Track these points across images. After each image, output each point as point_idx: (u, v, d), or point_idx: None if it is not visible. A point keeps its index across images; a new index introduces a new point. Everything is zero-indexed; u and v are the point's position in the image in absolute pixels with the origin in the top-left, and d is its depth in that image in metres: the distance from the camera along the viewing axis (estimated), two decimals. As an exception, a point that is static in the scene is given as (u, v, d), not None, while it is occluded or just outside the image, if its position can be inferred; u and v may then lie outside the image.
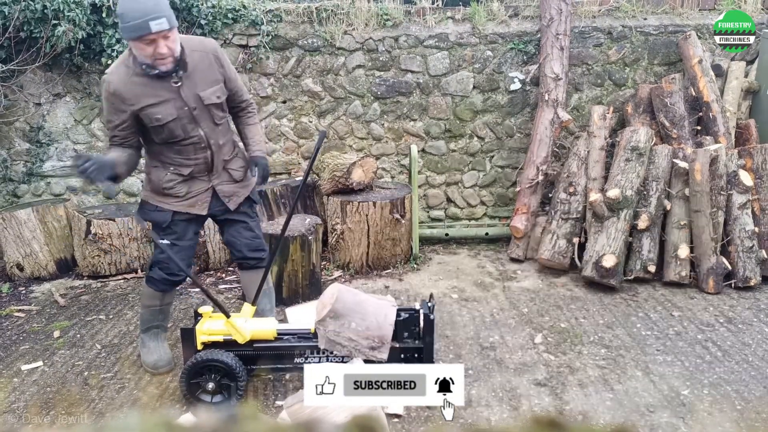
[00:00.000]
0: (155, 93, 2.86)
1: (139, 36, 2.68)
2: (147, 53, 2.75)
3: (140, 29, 2.65)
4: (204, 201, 3.15)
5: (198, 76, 2.95)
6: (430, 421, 2.93)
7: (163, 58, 2.77)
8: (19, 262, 4.85)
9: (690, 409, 3.00)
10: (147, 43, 2.71)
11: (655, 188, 4.60)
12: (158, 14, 2.65)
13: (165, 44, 2.74)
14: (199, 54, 2.96)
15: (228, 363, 2.95)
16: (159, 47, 2.73)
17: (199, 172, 3.10)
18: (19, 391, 3.28)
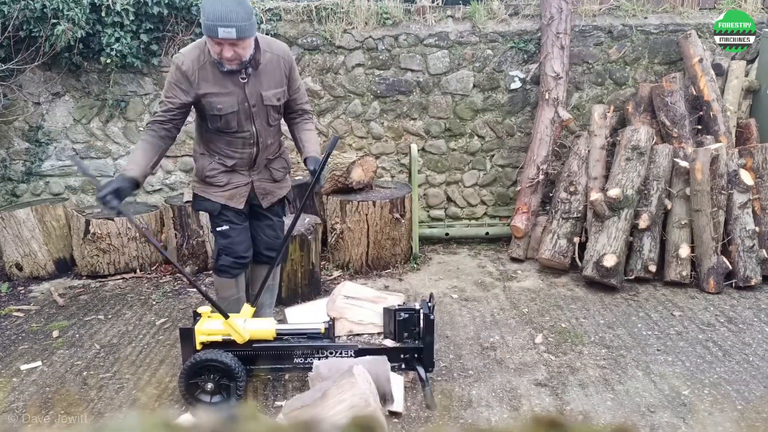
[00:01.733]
0: (222, 83, 2.94)
1: (208, 35, 2.79)
2: (215, 51, 2.85)
3: (209, 30, 2.75)
4: (242, 195, 3.21)
5: (265, 77, 3.03)
6: (430, 421, 2.92)
7: (231, 61, 2.86)
8: (18, 261, 4.84)
9: (691, 409, 3.00)
10: (215, 43, 2.81)
11: (655, 187, 4.59)
12: (229, 23, 2.71)
13: (232, 49, 2.81)
14: (271, 56, 3.03)
15: (227, 363, 2.94)
16: (224, 51, 2.82)
17: (241, 165, 3.17)
18: (18, 390, 3.27)
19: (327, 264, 4.94)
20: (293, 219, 3.19)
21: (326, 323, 3.15)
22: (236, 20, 2.71)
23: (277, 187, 3.33)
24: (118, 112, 5.39)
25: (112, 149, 5.49)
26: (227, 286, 3.35)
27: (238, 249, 3.25)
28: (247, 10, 2.76)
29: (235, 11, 2.70)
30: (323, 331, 3.13)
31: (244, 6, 2.74)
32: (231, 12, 2.70)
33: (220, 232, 3.23)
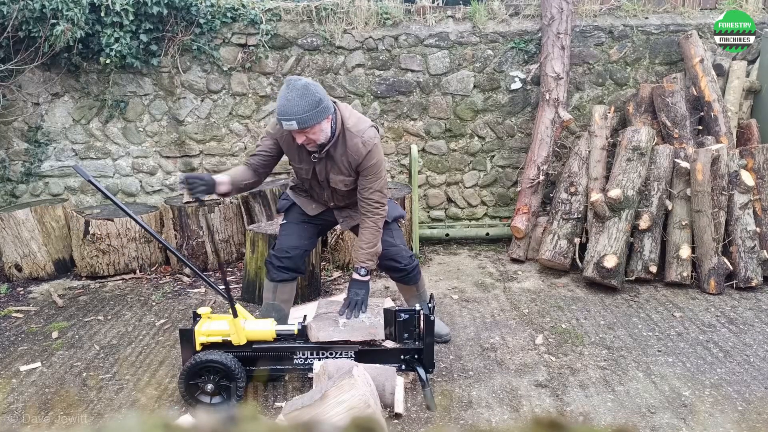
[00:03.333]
0: (300, 156, 3.15)
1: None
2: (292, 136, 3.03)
3: (279, 122, 2.91)
4: (318, 208, 3.38)
5: (335, 164, 3.12)
6: (430, 422, 2.91)
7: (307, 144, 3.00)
8: (17, 262, 4.83)
9: (691, 410, 2.99)
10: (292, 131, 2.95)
11: (656, 188, 4.59)
12: (289, 116, 2.84)
13: (302, 135, 2.94)
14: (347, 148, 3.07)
15: (227, 364, 2.93)
16: (296, 137, 2.97)
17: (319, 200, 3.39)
18: (17, 391, 3.26)
19: (327, 265, 4.94)
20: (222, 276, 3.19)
21: (300, 324, 3.13)
22: (297, 113, 2.82)
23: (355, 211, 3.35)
24: (117, 113, 5.39)
25: (112, 150, 5.48)
26: (267, 288, 3.42)
27: (283, 241, 3.36)
28: (311, 101, 2.84)
29: (297, 105, 2.82)
30: (296, 332, 3.11)
31: (308, 98, 2.83)
32: (293, 106, 2.82)
33: (282, 226, 3.44)
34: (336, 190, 3.22)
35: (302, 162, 3.15)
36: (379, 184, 3.15)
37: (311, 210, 3.38)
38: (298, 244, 3.36)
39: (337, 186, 3.18)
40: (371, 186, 3.13)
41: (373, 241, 3.18)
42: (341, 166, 3.10)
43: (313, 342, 3.04)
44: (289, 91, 2.84)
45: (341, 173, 3.13)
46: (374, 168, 3.11)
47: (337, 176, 3.14)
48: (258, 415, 0.70)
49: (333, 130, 3.01)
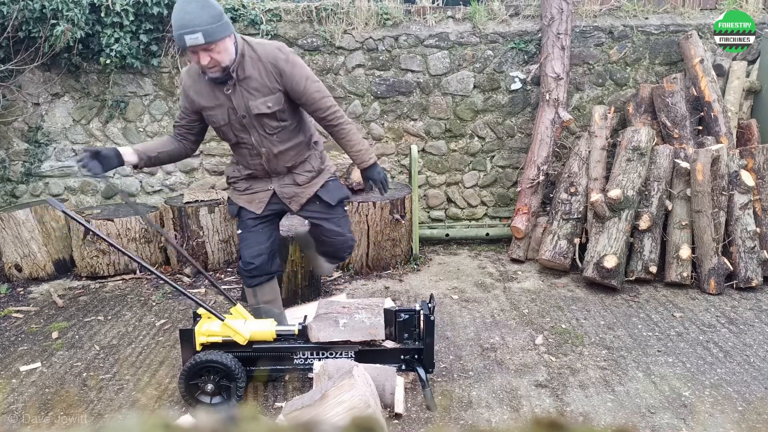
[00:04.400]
0: (213, 96, 2.95)
1: (180, 47, 2.74)
2: (194, 61, 2.84)
3: (179, 41, 2.69)
4: (261, 200, 3.21)
5: (251, 85, 2.90)
6: (430, 422, 2.92)
7: (209, 68, 2.80)
8: (17, 262, 4.83)
9: (691, 410, 2.99)
10: (190, 52, 2.76)
11: (656, 188, 4.59)
12: (192, 29, 2.62)
13: (207, 55, 2.74)
14: (256, 62, 2.89)
15: (227, 364, 2.94)
16: (200, 58, 2.75)
17: (258, 175, 3.21)
18: (17, 392, 3.26)
19: (327, 265, 4.93)
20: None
21: (300, 324, 3.13)
22: (201, 24, 2.62)
23: (302, 189, 3.22)
24: (117, 113, 5.39)
25: (112, 150, 5.47)
26: (247, 293, 3.40)
27: (244, 253, 3.25)
28: (213, 13, 2.66)
29: (199, 16, 2.62)
30: (297, 333, 3.12)
31: (209, 9, 2.65)
32: (195, 18, 2.61)
33: (239, 236, 3.33)
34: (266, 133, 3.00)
35: (218, 105, 2.93)
36: (319, 86, 2.99)
37: (257, 207, 3.20)
38: (260, 250, 3.24)
39: (261, 111, 2.92)
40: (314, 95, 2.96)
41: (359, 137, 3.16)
42: (259, 84, 2.89)
43: (314, 342, 3.04)
44: (187, 3, 2.62)
45: (261, 93, 2.90)
46: (302, 70, 2.93)
47: (257, 100, 2.90)
48: (258, 415, 0.70)
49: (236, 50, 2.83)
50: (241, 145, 3.08)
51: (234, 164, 3.28)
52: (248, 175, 3.22)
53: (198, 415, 0.69)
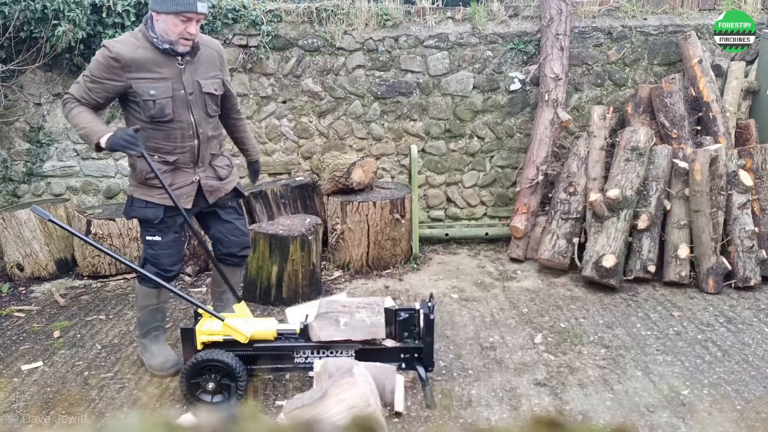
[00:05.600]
0: (157, 69, 2.94)
1: (181, 11, 2.81)
2: (177, 30, 2.86)
3: (187, 5, 2.79)
4: (189, 194, 3.14)
5: (201, 66, 3.06)
6: (430, 421, 2.93)
7: (188, 39, 2.90)
8: (19, 262, 4.85)
9: (690, 409, 3.00)
10: (183, 20, 2.84)
11: (655, 188, 4.60)
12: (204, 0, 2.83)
13: (195, 27, 2.89)
14: (207, 48, 3.11)
15: (228, 363, 2.95)
16: (190, 27, 2.86)
17: (184, 162, 3.11)
18: (19, 391, 3.28)
19: (328, 264, 4.95)
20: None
21: (302, 324, 3.15)
22: None
23: (223, 183, 3.29)
24: (119, 113, 5.40)
25: (113, 150, 5.49)
26: (148, 296, 3.30)
27: (164, 261, 3.17)
28: None
29: None
30: (298, 332, 3.13)
31: None
32: None
33: (149, 242, 3.16)
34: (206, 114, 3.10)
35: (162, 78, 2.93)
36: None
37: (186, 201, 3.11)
38: (179, 258, 3.28)
39: (209, 90, 3.07)
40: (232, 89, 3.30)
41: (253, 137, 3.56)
42: (207, 67, 3.07)
43: (315, 341, 3.06)
44: None
45: (209, 75, 3.08)
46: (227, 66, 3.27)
47: (208, 80, 3.07)
48: (259, 414, 0.72)
49: None
50: (175, 124, 3.02)
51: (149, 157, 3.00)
52: (173, 164, 3.07)
53: (199, 414, 0.71)
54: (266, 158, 5.55)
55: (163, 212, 3.11)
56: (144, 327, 3.38)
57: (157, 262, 3.17)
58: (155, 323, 3.38)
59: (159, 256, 3.17)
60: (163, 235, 3.16)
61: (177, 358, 3.40)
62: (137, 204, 3.13)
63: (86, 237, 3.26)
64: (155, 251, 3.16)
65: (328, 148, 5.51)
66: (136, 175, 3.11)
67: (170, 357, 3.38)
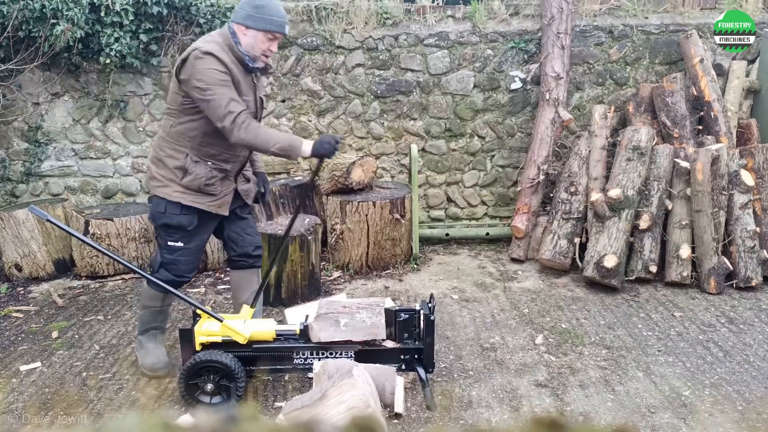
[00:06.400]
0: (242, 81, 3.00)
1: (270, 30, 2.91)
2: (262, 47, 2.96)
3: (278, 26, 2.92)
4: (228, 202, 3.18)
5: (261, 84, 3.19)
6: (430, 422, 2.92)
7: (268, 57, 3.02)
8: (17, 262, 4.83)
9: (691, 409, 2.99)
10: (270, 38, 2.95)
11: (656, 188, 4.59)
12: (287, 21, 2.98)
13: (276, 46, 3.03)
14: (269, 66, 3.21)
15: (227, 364, 2.94)
16: (273, 46, 3.00)
17: (233, 171, 3.17)
18: (17, 391, 3.26)
19: (327, 264, 4.94)
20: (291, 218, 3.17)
21: (302, 324, 3.13)
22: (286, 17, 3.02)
23: (252, 185, 3.36)
24: (117, 113, 5.39)
25: (112, 149, 5.48)
26: (153, 298, 3.27)
27: (182, 268, 3.15)
28: None
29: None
30: (298, 333, 3.12)
31: None
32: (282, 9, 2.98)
33: (171, 248, 3.10)
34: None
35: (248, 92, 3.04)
36: None
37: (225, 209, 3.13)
38: (196, 266, 3.27)
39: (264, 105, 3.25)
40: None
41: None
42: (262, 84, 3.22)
43: (315, 342, 3.04)
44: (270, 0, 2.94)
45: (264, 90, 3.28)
46: None
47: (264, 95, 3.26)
48: (258, 415, 0.70)
49: None
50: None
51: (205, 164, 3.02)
52: (229, 171, 3.11)
53: (198, 415, 0.69)
54: (266, 158, 5.53)
55: (198, 219, 3.08)
56: (144, 325, 3.37)
57: (175, 268, 3.14)
58: (155, 323, 3.37)
59: (178, 262, 3.13)
60: (188, 241, 3.12)
61: (169, 360, 3.39)
62: (171, 210, 3.03)
63: (84, 237, 3.24)
64: (175, 257, 3.12)
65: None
66: (189, 181, 3.00)
67: (162, 358, 3.36)
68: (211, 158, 3.03)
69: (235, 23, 2.94)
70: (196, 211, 3.06)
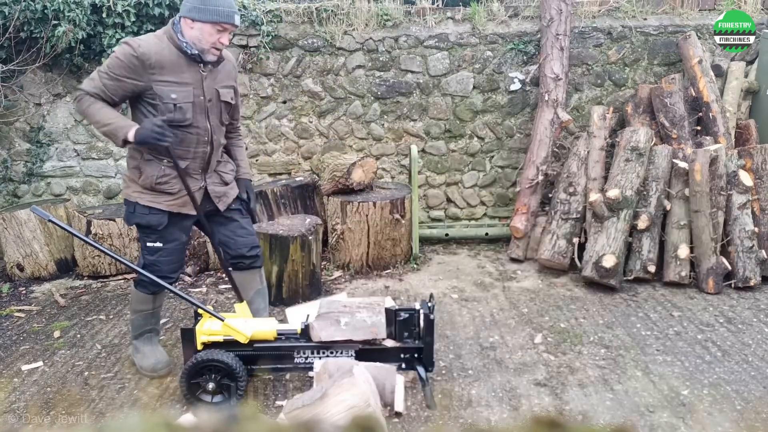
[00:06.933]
0: (180, 73, 2.93)
1: (218, 21, 2.86)
2: (211, 39, 2.90)
3: (226, 16, 2.86)
4: (193, 202, 3.09)
5: (220, 75, 3.09)
6: (430, 421, 2.94)
7: (219, 49, 2.96)
8: (19, 262, 4.85)
9: (690, 409, 3.01)
10: (219, 30, 2.90)
11: (654, 188, 4.61)
12: (237, 10, 2.92)
13: (227, 38, 2.97)
14: (225, 58, 3.12)
15: (228, 363, 2.96)
16: (223, 38, 2.93)
17: (194, 168, 3.08)
18: (19, 391, 3.28)
19: (328, 264, 4.96)
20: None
21: (303, 324, 3.15)
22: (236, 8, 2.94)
23: (229, 188, 3.28)
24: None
25: (114, 150, 5.50)
26: (143, 301, 3.28)
27: (164, 268, 3.14)
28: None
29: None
30: (299, 332, 3.13)
31: None
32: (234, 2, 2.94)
33: (150, 248, 3.11)
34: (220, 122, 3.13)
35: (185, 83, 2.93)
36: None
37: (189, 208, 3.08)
38: (180, 266, 3.26)
39: (225, 99, 3.10)
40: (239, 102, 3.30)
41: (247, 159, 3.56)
42: (225, 77, 3.11)
43: (315, 341, 3.06)
44: None
45: (226, 85, 3.11)
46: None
47: (224, 88, 3.10)
48: (259, 414, 0.72)
49: None
50: (192, 130, 3.00)
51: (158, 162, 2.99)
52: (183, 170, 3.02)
53: (199, 414, 0.71)
54: (266, 158, 5.56)
55: (168, 218, 3.08)
56: (137, 330, 3.37)
57: (157, 269, 3.12)
58: (149, 326, 3.38)
59: (159, 263, 3.12)
60: (165, 241, 3.11)
61: (169, 359, 3.40)
62: (140, 210, 3.05)
63: (86, 237, 3.26)
64: (155, 258, 3.12)
65: (328, 148, 5.51)
66: (143, 180, 3.01)
67: (161, 359, 3.38)
68: (165, 156, 2.99)
69: (182, 17, 2.91)
70: (164, 212, 3.06)
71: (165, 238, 3.11)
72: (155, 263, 3.13)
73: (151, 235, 3.10)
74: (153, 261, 3.13)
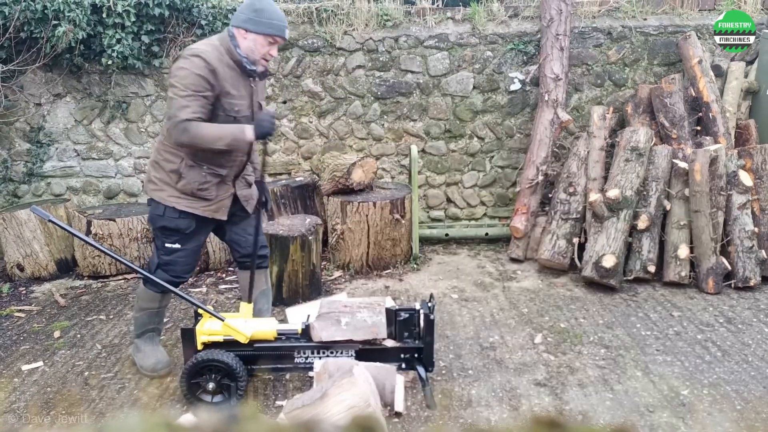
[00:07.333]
0: (237, 86, 3.00)
1: (270, 33, 2.92)
2: (261, 51, 2.96)
3: (278, 30, 2.93)
4: (226, 207, 3.17)
5: (260, 88, 3.19)
6: (430, 421, 2.94)
7: (267, 61, 3.02)
8: (19, 262, 4.86)
9: (690, 409, 3.01)
10: (270, 42, 2.96)
11: (654, 188, 4.61)
12: (287, 24, 2.98)
13: (276, 50, 3.04)
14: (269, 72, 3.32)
15: (228, 363, 2.96)
16: (273, 50, 3.00)
17: (230, 176, 3.15)
18: (19, 391, 3.28)
19: (328, 264, 4.96)
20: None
21: (304, 324, 3.15)
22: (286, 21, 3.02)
23: (253, 190, 3.33)
24: (119, 114, 5.41)
25: (114, 150, 5.51)
26: (150, 299, 3.28)
27: (178, 269, 3.17)
28: None
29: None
30: (300, 332, 3.14)
31: None
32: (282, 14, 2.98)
33: (169, 249, 3.12)
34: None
35: (241, 95, 3.01)
36: None
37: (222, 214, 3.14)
38: (193, 267, 3.29)
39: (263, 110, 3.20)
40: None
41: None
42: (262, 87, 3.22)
43: (315, 341, 3.07)
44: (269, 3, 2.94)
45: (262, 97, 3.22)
46: None
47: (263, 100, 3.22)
48: (259, 414, 0.72)
49: None
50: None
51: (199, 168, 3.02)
52: (219, 179, 3.08)
53: (199, 414, 0.71)
54: (266, 158, 5.55)
55: (195, 223, 3.10)
56: (140, 328, 3.37)
57: (172, 269, 3.15)
58: (152, 325, 3.38)
59: (176, 263, 3.15)
60: (185, 243, 3.14)
61: (169, 359, 3.40)
62: (170, 213, 3.06)
63: (86, 237, 3.26)
64: (172, 258, 3.14)
65: (328, 148, 5.51)
66: (183, 185, 3.02)
67: (162, 358, 3.38)
68: (206, 162, 3.03)
69: (235, 27, 2.94)
70: (193, 215, 3.08)
71: (186, 241, 3.14)
72: (170, 263, 3.15)
73: (171, 237, 3.11)
74: (169, 261, 3.15)
